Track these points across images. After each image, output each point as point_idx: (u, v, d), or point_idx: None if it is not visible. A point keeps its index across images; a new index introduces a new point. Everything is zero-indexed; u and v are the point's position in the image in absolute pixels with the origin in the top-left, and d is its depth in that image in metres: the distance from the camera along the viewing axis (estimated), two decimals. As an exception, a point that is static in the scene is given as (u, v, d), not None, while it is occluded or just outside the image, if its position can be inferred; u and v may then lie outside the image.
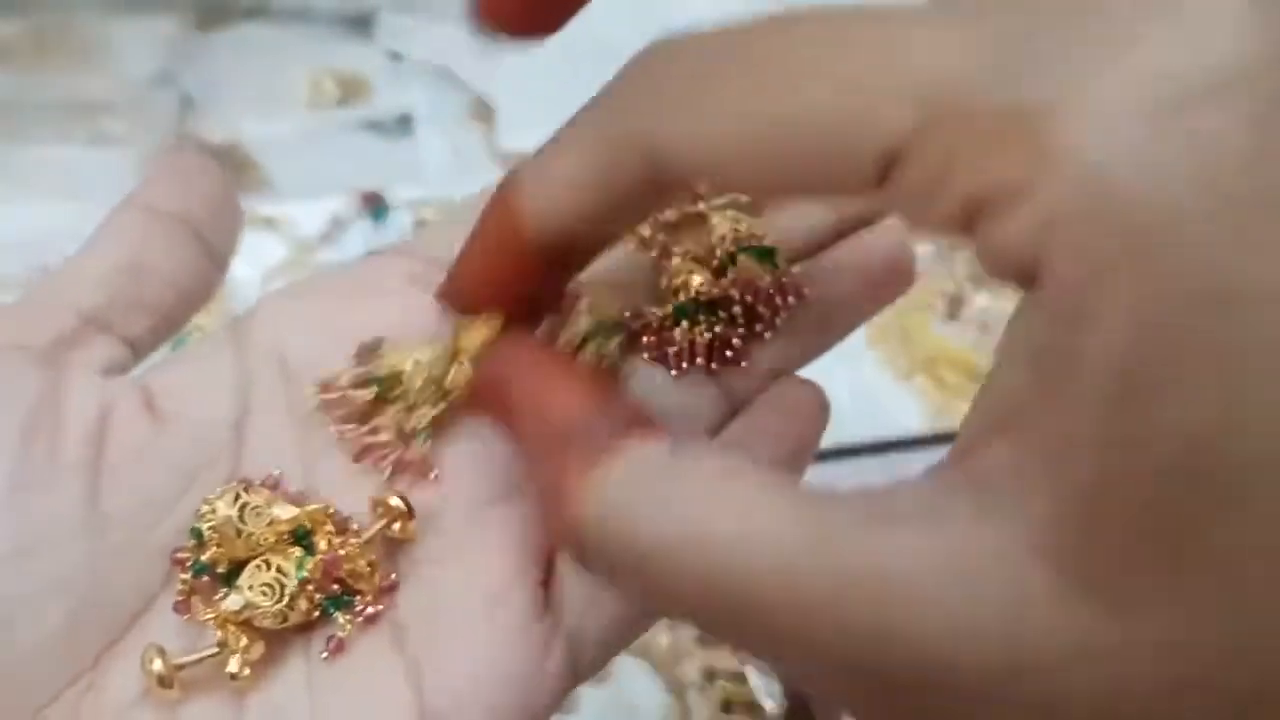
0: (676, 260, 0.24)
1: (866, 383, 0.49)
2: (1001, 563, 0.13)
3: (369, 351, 0.21)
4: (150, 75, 0.58)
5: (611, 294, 0.23)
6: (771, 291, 0.23)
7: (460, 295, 0.21)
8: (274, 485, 0.20)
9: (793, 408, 0.23)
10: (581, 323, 0.22)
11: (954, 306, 0.52)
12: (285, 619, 0.19)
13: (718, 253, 0.23)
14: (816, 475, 0.40)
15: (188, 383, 0.21)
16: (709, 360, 0.22)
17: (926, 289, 0.52)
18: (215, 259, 0.22)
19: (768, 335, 0.23)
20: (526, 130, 0.54)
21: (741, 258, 0.23)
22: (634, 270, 0.24)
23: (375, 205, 0.53)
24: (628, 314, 0.23)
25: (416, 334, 0.21)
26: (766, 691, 0.38)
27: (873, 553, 0.14)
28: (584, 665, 0.20)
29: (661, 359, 0.23)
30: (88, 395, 0.19)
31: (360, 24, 0.63)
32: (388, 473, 0.20)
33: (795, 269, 0.24)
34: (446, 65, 0.61)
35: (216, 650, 0.18)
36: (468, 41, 0.62)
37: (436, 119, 0.59)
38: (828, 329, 0.24)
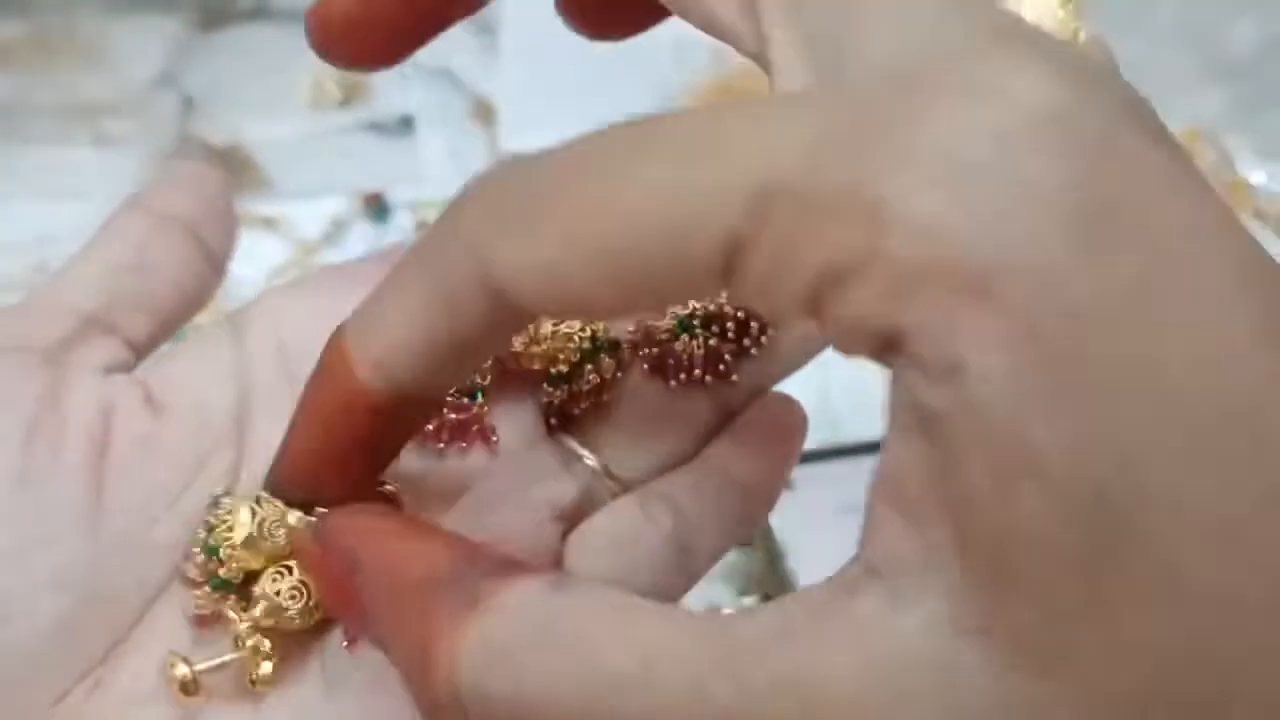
0: None
1: (866, 383, 0.49)
2: (925, 649, 0.12)
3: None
4: (152, 76, 0.58)
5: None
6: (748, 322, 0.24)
7: (298, 483, 0.19)
8: None
9: (775, 424, 0.23)
10: (580, 342, 0.22)
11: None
12: (312, 618, 0.19)
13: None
14: (816, 475, 0.40)
15: (188, 375, 0.21)
16: (704, 373, 0.23)
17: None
18: (214, 262, 0.22)
19: (754, 351, 0.23)
20: (527, 131, 0.55)
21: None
22: None
23: (376, 206, 0.54)
24: (630, 328, 0.23)
25: None
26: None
27: (789, 664, 0.13)
28: None
29: (660, 370, 0.23)
30: (89, 394, 0.20)
31: (361, 25, 0.63)
32: None
33: None
34: (448, 66, 0.61)
35: (238, 656, 0.18)
36: (468, 42, 0.62)
37: (438, 120, 0.59)
38: (810, 346, 0.24)
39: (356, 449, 0.18)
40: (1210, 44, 0.65)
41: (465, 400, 0.22)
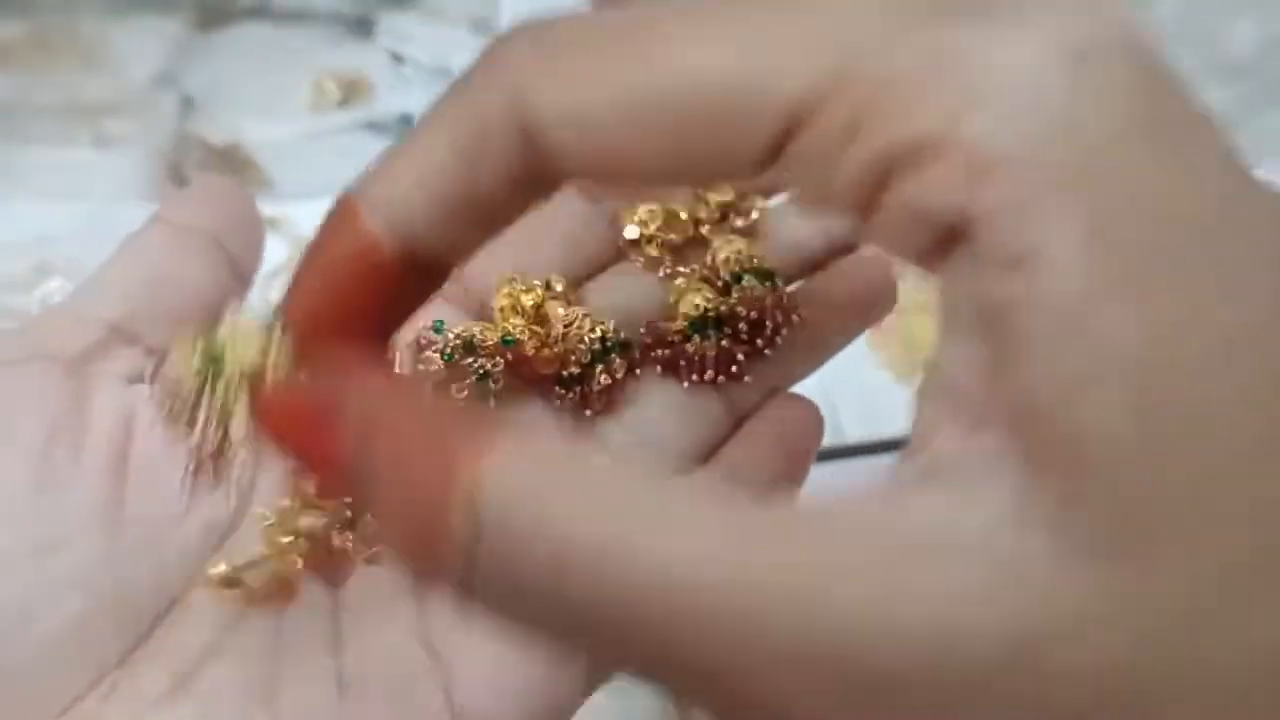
0: (681, 280, 0.25)
1: (867, 383, 0.49)
2: (993, 544, 0.12)
3: (429, 333, 0.22)
4: (152, 76, 0.58)
5: (614, 312, 0.24)
6: (773, 310, 0.24)
7: (308, 317, 0.17)
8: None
9: (790, 424, 0.24)
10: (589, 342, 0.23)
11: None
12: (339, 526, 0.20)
13: (722, 273, 0.25)
14: (816, 475, 0.40)
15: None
16: (716, 374, 0.23)
17: (926, 290, 0.52)
18: (239, 273, 0.23)
19: (768, 352, 0.24)
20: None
21: (745, 279, 0.24)
22: (641, 289, 0.25)
23: (376, 206, 0.54)
24: (642, 329, 0.24)
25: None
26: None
27: (858, 539, 0.12)
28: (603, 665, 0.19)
29: (672, 371, 0.23)
30: (111, 402, 0.20)
31: (361, 25, 0.63)
32: None
33: (791, 289, 0.25)
34: (448, 66, 0.61)
35: (271, 557, 0.20)
36: (468, 42, 0.62)
37: (437, 120, 0.59)
38: (820, 347, 0.25)
39: (359, 309, 0.16)
40: (1210, 44, 0.65)
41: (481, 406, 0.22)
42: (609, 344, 0.23)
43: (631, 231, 0.25)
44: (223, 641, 0.19)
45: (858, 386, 0.48)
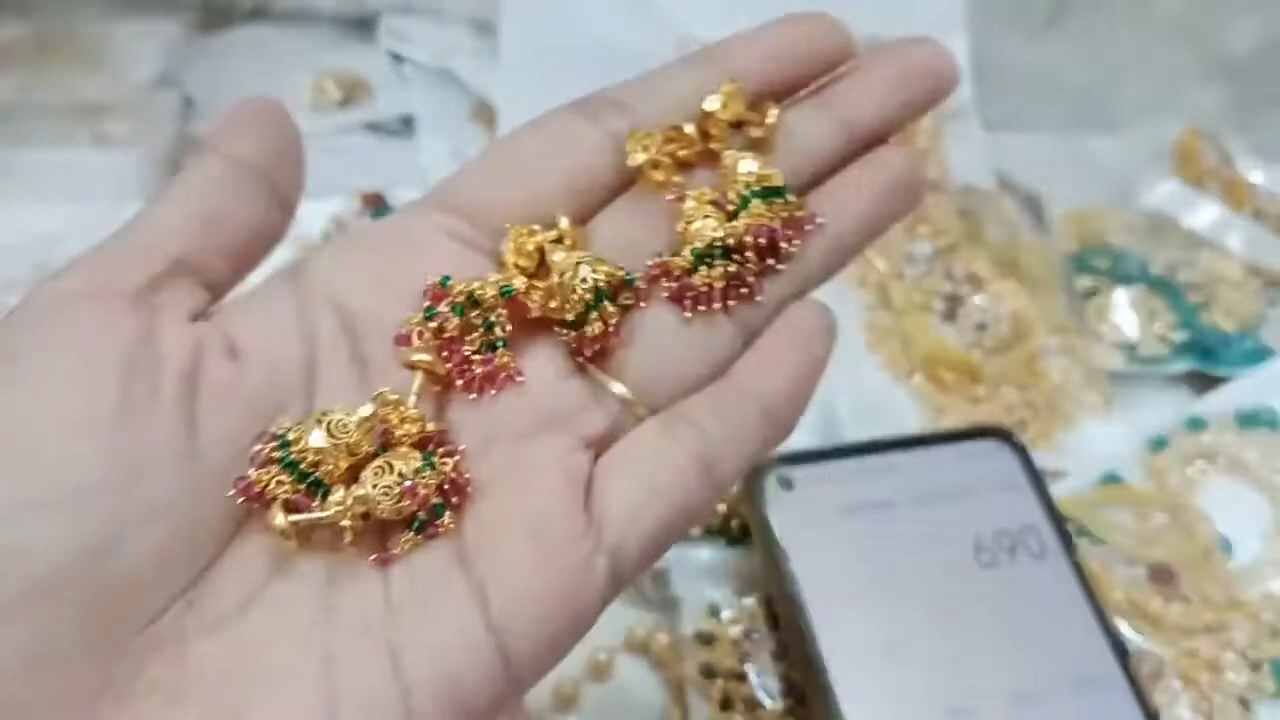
0: (691, 203, 0.24)
1: (866, 383, 0.49)
2: None
3: (438, 287, 0.23)
4: (152, 77, 0.58)
5: (620, 246, 0.24)
6: (785, 228, 0.24)
7: None
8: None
9: (800, 332, 0.24)
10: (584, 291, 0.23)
11: (952, 307, 0.52)
12: (400, 515, 0.21)
13: (731, 195, 0.24)
14: (817, 475, 0.40)
15: (257, 326, 0.22)
16: (725, 300, 0.23)
17: (925, 290, 0.52)
18: (285, 205, 0.24)
19: (780, 266, 0.24)
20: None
21: (754, 202, 0.24)
22: (650, 218, 0.25)
23: (376, 206, 0.54)
24: (649, 263, 0.24)
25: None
26: (766, 690, 0.38)
27: None
28: (625, 575, 0.21)
29: (679, 301, 0.23)
30: (180, 336, 0.21)
31: (362, 26, 0.63)
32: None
33: (806, 200, 0.25)
34: (448, 67, 0.61)
35: (333, 514, 0.20)
36: (468, 42, 0.62)
37: (438, 121, 0.59)
38: (841, 252, 0.25)
39: None
40: (1210, 43, 0.65)
41: (489, 353, 0.23)
42: (601, 292, 0.23)
43: (637, 157, 0.24)
44: (284, 564, 0.21)
45: (857, 386, 0.48)
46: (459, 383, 0.23)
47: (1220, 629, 0.41)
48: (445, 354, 0.22)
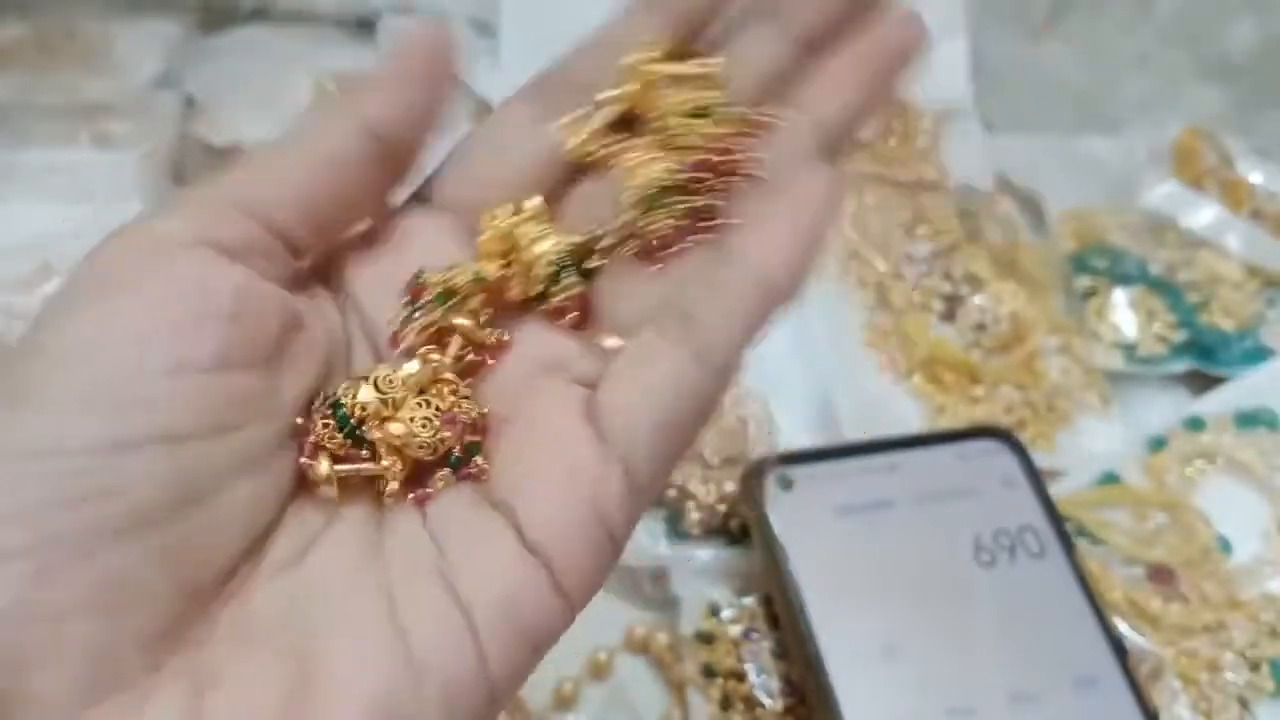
0: (633, 157, 0.24)
1: (866, 383, 0.49)
2: None
3: (416, 281, 0.23)
4: (153, 77, 0.58)
5: (589, 220, 0.24)
6: (736, 142, 0.24)
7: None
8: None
9: (800, 199, 0.23)
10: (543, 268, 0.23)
11: (951, 307, 0.52)
12: (435, 451, 0.22)
13: (675, 131, 0.24)
14: (817, 475, 0.40)
15: (305, 305, 0.23)
16: (687, 237, 0.23)
17: (925, 290, 0.52)
18: (399, 177, 0.25)
19: (757, 174, 0.24)
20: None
21: (694, 124, 0.24)
22: (590, 191, 0.25)
23: (376, 206, 0.54)
24: (599, 231, 0.24)
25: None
26: (766, 690, 0.38)
27: None
28: (643, 482, 0.22)
29: (646, 256, 0.23)
30: (274, 297, 0.22)
31: (362, 27, 0.63)
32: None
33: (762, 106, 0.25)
34: (447, 67, 0.61)
35: (372, 467, 0.22)
36: (469, 43, 0.62)
37: (437, 120, 0.59)
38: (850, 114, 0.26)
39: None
40: (1210, 44, 0.65)
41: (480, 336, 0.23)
42: (562, 264, 0.23)
43: (570, 145, 0.25)
44: (334, 515, 0.22)
45: (857, 386, 0.48)
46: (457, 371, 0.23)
47: (1219, 629, 0.41)
48: (437, 346, 0.23)
